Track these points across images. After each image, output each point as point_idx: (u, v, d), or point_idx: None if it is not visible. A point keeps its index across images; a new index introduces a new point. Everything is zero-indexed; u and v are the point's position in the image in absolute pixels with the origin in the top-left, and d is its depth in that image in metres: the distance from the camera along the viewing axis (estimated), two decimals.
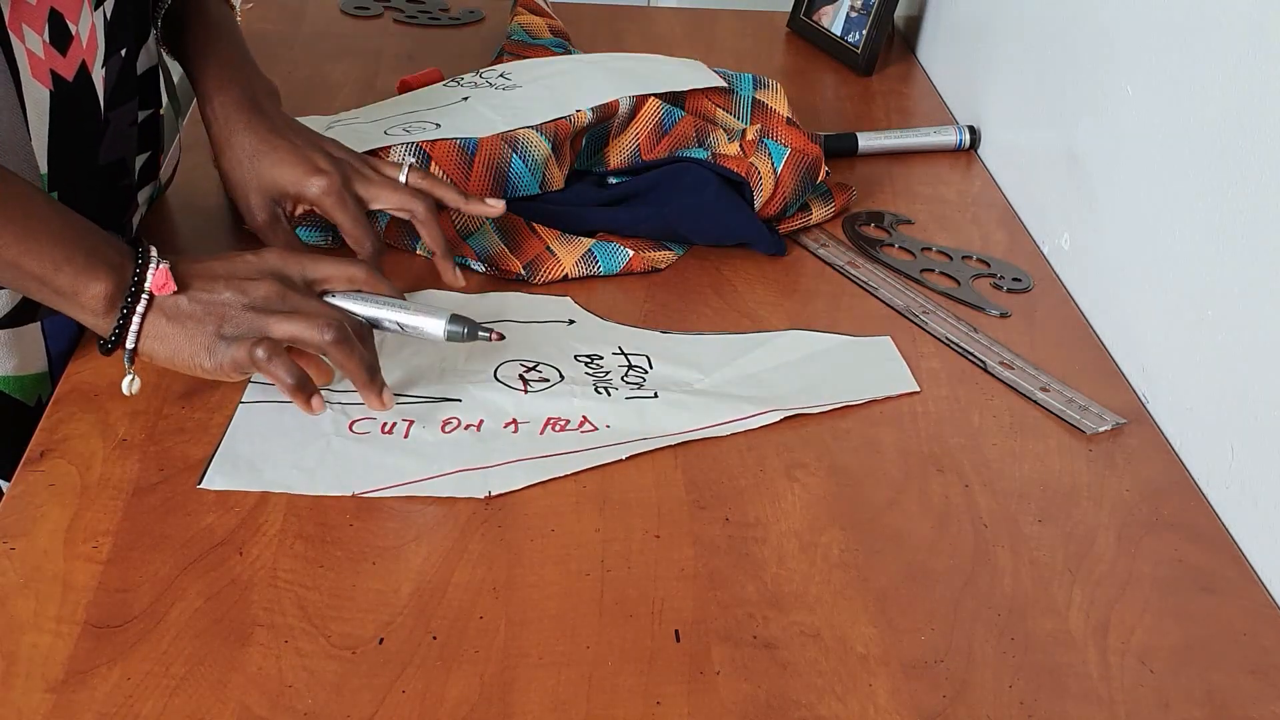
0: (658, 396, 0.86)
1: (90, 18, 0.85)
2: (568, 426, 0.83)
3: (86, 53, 0.85)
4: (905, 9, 1.51)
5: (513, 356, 0.89)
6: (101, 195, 0.91)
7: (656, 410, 0.85)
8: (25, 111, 0.80)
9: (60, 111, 0.83)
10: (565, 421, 0.83)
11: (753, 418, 0.85)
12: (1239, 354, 0.82)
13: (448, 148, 1.01)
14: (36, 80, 0.81)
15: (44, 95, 0.82)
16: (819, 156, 1.05)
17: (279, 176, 0.92)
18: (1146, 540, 0.78)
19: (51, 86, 0.82)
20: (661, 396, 0.86)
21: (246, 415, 0.81)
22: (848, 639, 0.69)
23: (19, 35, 0.79)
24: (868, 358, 0.93)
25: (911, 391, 0.89)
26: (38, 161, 0.82)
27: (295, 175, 0.91)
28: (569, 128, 1.05)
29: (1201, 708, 0.67)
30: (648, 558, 0.73)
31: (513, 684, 0.65)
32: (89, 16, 0.85)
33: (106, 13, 0.87)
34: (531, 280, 0.98)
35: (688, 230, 1.02)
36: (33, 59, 0.80)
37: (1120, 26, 1.00)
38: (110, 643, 0.65)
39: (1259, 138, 0.80)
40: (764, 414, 0.85)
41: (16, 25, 0.78)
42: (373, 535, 0.73)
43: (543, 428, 0.83)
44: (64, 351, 0.86)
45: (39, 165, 0.82)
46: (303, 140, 0.93)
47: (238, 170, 0.93)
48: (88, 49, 0.85)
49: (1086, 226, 1.03)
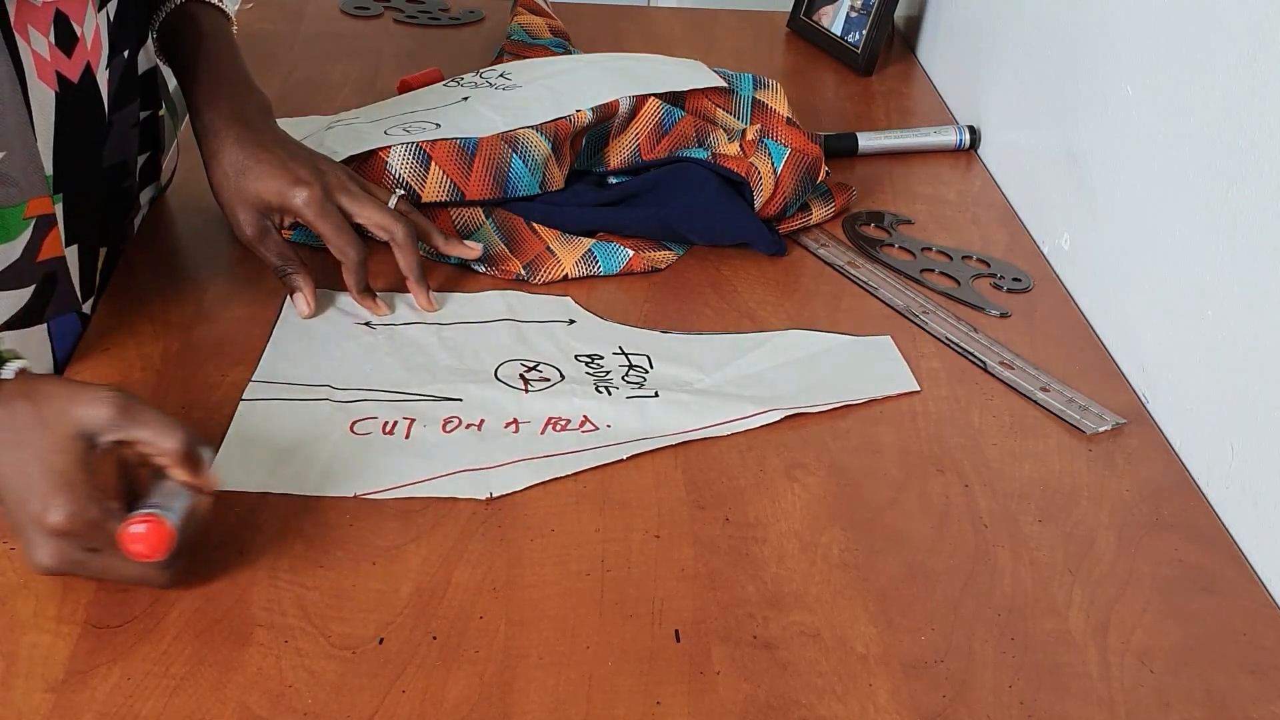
0: (658, 396, 0.86)
1: (95, 19, 0.85)
2: (568, 426, 0.83)
3: (91, 54, 0.85)
4: (905, 9, 1.51)
5: (513, 356, 0.89)
6: (106, 196, 0.91)
7: (657, 410, 0.85)
8: (31, 113, 0.80)
9: (66, 113, 0.83)
10: (566, 421, 0.83)
11: (753, 417, 0.85)
12: (1239, 354, 0.82)
13: (448, 147, 1.01)
14: (42, 82, 0.81)
15: (49, 97, 0.82)
16: (819, 157, 1.05)
17: (264, 190, 0.91)
18: (1146, 540, 0.78)
19: (57, 88, 0.82)
20: (662, 396, 0.86)
21: (248, 414, 0.81)
22: (848, 639, 0.69)
23: (24, 37, 0.79)
24: (868, 357, 0.93)
25: (912, 391, 0.89)
26: (43, 163, 0.82)
27: (278, 187, 0.91)
28: (569, 128, 1.05)
29: (1201, 708, 0.67)
30: (648, 558, 0.73)
31: (513, 684, 0.65)
32: (93, 18, 0.85)
33: (110, 14, 0.87)
34: (531, 280, 0.98)
35: (688, 230, 1.02)
36: (38, 60, 0.80)
37: (1120, 27, 1.00)
38: (110, 643, 0.65)
39: (1259, 138, 0.80)
40: (765, 413, 0.85)
41: (22, 27, 0.78)
42: (373, 535, 0.73)
43: (543, 427, 0.83)
44: (70, 352, 0.86)
45: (45, 167, 0.82)
46: (289, 153, 0.93)
47: (226, 185, 0.92)
48: (92, 50, 0.85)
49: (1086, 226, 1.03)
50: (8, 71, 0.78)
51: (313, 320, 0.91)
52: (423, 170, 0.99)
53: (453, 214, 1.01)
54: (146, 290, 0.93)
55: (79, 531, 0.65)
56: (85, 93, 0.85)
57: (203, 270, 0.97)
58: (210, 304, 0.93)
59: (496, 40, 1.37)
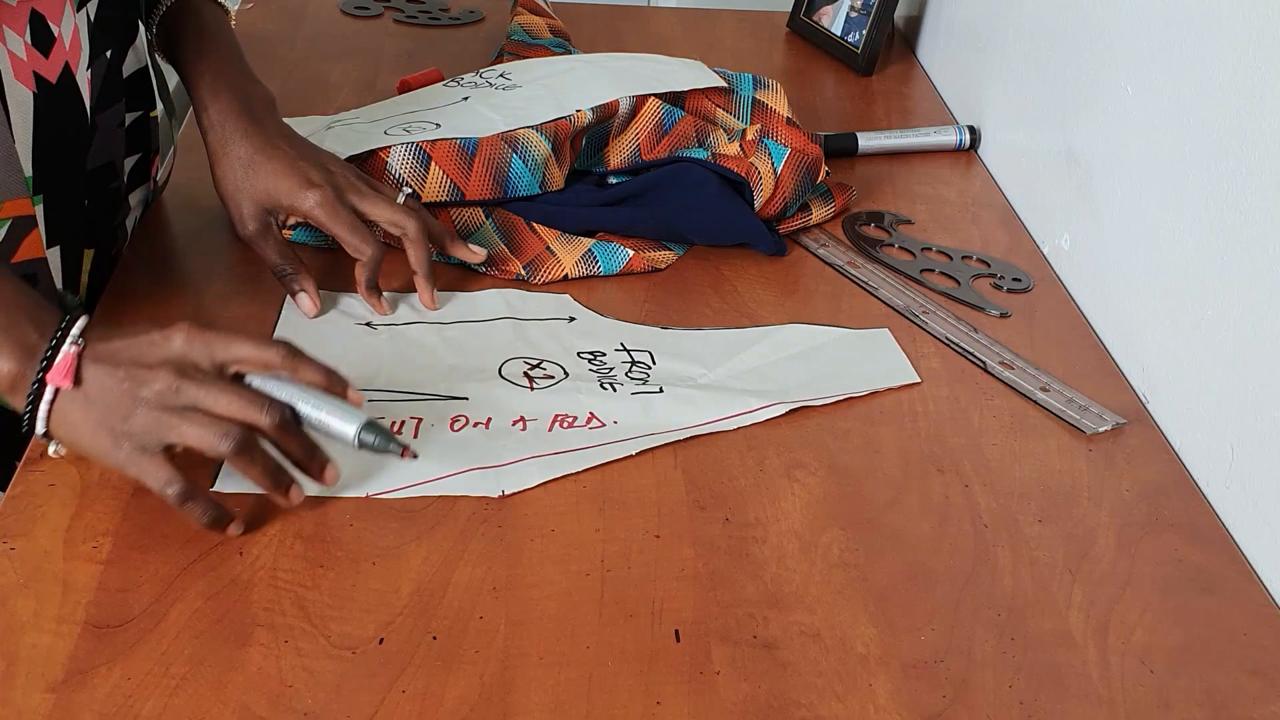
0: (663, 391, 0.86)
1: (73, 19, 0.84)
2: (576, 423, 0.83)
3: (70, 54, 0.84)
4: (905, 9, 1.51)
5: (516, 355, 0.89)
6: (90, 199, 0.90)
7: (663, 405, 0.85)
8: (8, 114, 0.80)
9: (45, 114, 0.83)
10: (573, 418, 0.83)
11: (758, 411, 0.85)
12: (1239, 354, 0.82)
13: (448, 147, 1.01)
14: (19, 82, 0.80)
15: (27, 97, 0.81)
16: (819, 157, 1.05)
17: (272, 189, 0.91)
18: (1146, 540, 0.78)
19: (35, 89, 0.82)
20: (667, 391, 0.86)
21: None
22: (848, 639, 0.69)
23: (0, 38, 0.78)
24: (868, 350, 0.93)
25: (913, 383, 0.89)
26: (22, 165, 0.81)
27: (288, 187, 0.91)
28: (569, 128, 1.05)
29: (1201, 708, 0.67)
30: (648, 558, 0.73)
31: (513, 684, 0.65)
32: (71, 18, 0.84)
33: (90, 14, 0.87)
34: (531, 280, 0.98)
35: (687, 230, 1.02)
36: (14, 61, 0.80)
37: (1120, 27, 1.00)
38: (110, 643, 0.65)
39: (1259, 138, 0.80)
40: (769, 407, 0.85)
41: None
42: (373, 535, 0.73)
43: (551, 424, 0.83)
44: None
45: (24, 169, 0.82)
46: (297, 152, 0.93)
47: (231, 179, 0.92)
48: (70, 50, 0.84)
49: (1086, 226, 1.03)
50: None
51: (313, 321, 0.91)
52: (423, 170, 0.99)
53: (453, 214, 1.01)
54: (145, 290, 0.93)
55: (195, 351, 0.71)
56: (65, 93, 0.85)
57: (202, 271, 0.97)
58: (210, 304, 0.93)
59: (496, 40, 1.37)
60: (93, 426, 0.70)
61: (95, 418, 0.70)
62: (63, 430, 0.71)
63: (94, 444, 0.71)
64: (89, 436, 0.71)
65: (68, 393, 0.70)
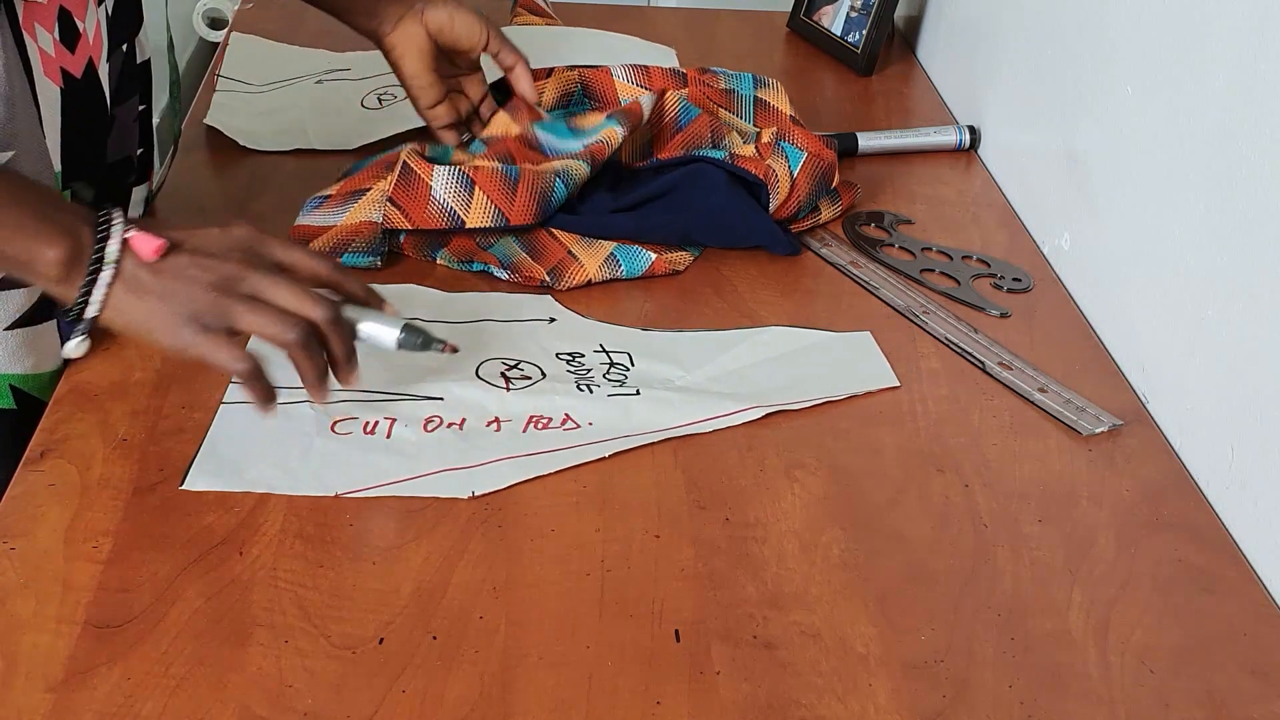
0: (639, 394, 0.86)
1: (95, 14, 0.85)
2: (550, 424, 0.83)
3: (93, 49, 0.85)
4: (905, 9, 1.51)
5: (494, 355, 0.89)
6: (110, 193, 0.91)
7: (639, 408, 0.85)
8: (40, 109, 0.80)
9: (71, 108, 0.83)
10: (547, 420, 0.83)
11: (734, 414, 0.85)
12: (1239, 354, 0.82)
13: (490, 172, 0.99)
14: (48, 78, 0.81)
15: (55, 93, 0.82)
16: (833, 162, 1.05)
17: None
18: (1146, 540, 0.78)
19: (62, 84, 0.82)
20: (644, 394, 0.86)
21: (228, 416, 0.81)
22: (848, 639, 0.69)
23: (31, 34, 0.79)
24: (848, 353, 0.93)
25: (891, 386, 0.89)
26: (52, 159, 0.82)
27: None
28: (604, 150, 1.04)
29: (1201, 708, 0.67)
30: (648, 558, 0.73)
31: (513, 684, 0.65)
32: (94, 13, 0.85)
33: (108, 9, 0.88)
34: (556, 286, 0.97)
35: (704, 236, 1.02)
36: (44, 57, 0.81)
37: (1120, 26, 1.00)
38: (110, 643, 0.65)
39: (1259, 138, 0.80)
40: (745, 410, 0.85)
41: (29, 24, 0.79)
42: (373, 535, 0.73)
43: (525, 426, 0.83)
44: None
45: (53, 163, 0.82)
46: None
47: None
48: (94, 45, 0.85)
49: (1086, 226, 1.03)
50: (18, 71, 0.78)
51: None
52: (467, 195, 0.98)
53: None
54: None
55: (258, 245, 0.74)
56: (89, 88, 0.85)
57: None
58: None
59: None
60: (155, 308, 0.72)
61: (153, 303, 0.72)
62: (118, 315, 0.72)
63: (157, 324, 0.72)
64: (152, 318, 0.72)
65: (128, 275, 0.72)
